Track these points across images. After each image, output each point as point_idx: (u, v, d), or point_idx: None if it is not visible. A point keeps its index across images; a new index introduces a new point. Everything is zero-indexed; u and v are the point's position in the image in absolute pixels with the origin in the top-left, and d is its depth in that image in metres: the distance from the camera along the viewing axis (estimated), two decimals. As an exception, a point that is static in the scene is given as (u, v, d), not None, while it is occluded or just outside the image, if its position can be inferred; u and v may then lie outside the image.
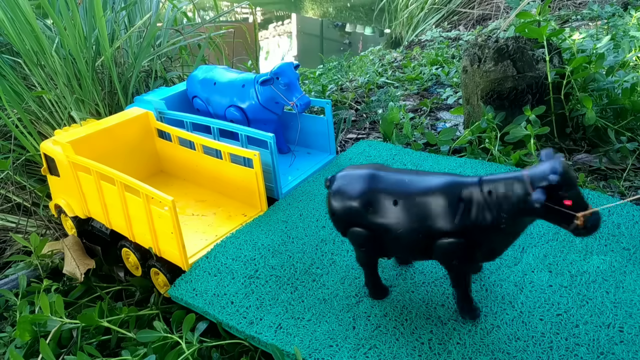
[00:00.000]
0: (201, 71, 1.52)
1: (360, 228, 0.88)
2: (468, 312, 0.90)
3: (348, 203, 0.88)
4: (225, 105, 1.44)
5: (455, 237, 0.82)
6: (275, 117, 1.43)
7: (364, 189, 0.87)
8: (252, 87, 1.39)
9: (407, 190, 0.85)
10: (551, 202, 0.73)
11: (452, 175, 0.85)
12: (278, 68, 1.33)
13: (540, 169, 0.75)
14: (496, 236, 0.82)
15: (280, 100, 1.36)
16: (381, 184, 0.87)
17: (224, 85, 1.44)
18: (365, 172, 0.89)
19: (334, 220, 0.92)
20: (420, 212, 0.84)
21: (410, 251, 0.88)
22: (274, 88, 1.34)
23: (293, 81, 1.33)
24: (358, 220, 0.88)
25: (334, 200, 0.90)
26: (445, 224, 0.82)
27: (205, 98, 1.49)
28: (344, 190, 0.89)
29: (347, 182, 0.90)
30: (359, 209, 0.87)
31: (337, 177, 0.92)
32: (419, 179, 0.86)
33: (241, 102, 1.41)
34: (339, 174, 0.92)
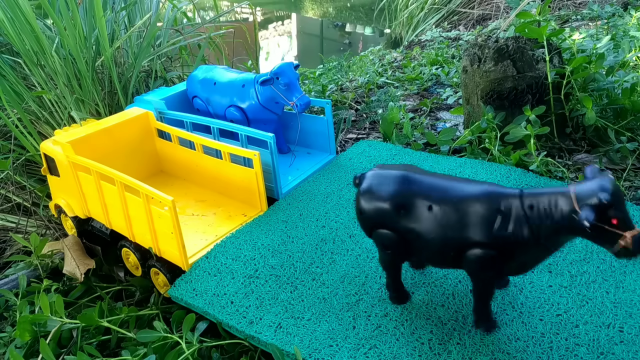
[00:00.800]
0: (201, 71, 1.52)
1: (388, 230, 0.86)
2: (484, 324, 0.88)
3: (379, 203, 0.85)
4: (225, 105, 1.44)
5: (488, 249, 0.79)
6: (275, 117, 1.43)
7: (398, 190, 0.84)
8: (252, 87, 1.39)
9: (443, 197, 0.82)
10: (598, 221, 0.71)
11: (492, 184, 0.82)
12: (278, 68, 1.33)
13: (588, 186, 0.72)
14: (532, 252, 0.79)
15: (280, 100, 1.36)
16: (416, 187, 0.84)
17: (224, 85, 1.44)
18: (399, 173, 0.86)
19: (360, 220, 0.90)
20: (455, 221, 0.81)
21: (438, 259, 0.86)
22: (274, 88, 1.34)
23: (293, 81, 1.33)
24: (387, 222, 0.86)
25: (363, 199, 0.87)
26: (479, 235, 0.79)
27: (205, 98, 1.48)
28: (375, 189, 0.86)
29: (378, 181, 0.87)
30: (390, 211, 0.85)
31: (368, 175, 0.89)
32: (456, 186, 0.83)
33: (241, 102, 1.41)
34: (370, 173, 0.89)
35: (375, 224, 0.87)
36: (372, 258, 1.08)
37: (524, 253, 0.79)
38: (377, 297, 0.98)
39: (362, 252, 1.10)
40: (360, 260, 1.07)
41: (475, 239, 0.80)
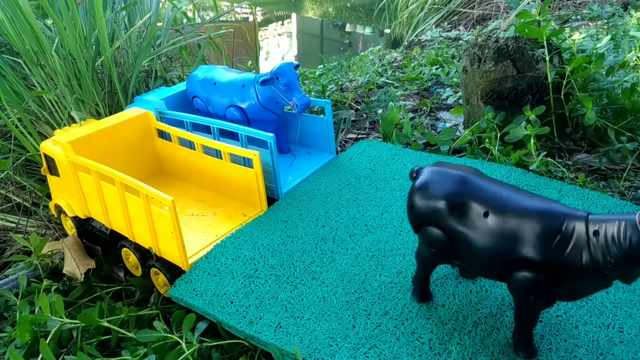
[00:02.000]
0: (201, 71, 1.52)
1: (437, 229, 0.83)
2: (524, 350, 0.84)
3: (433, 201, 0.83)
4: (225, 105, 1.44)
5: (538, 272, 0.75)
6: (275, 117, 1.43)
7: (455, 190, 0.82)
8: (252, 87, 1.39)
9: (502, 206, 0.78)
10: None
11: (555, 202, 0.78)
12: (278, 68, 1.33)
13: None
14: (588, 280, 0.74)
15: (280, 100, 1.36)
16: (475, 190, 0.81)
17: (224, 85, 1.44)
18: (459, 172, 0.84)
19: (411, 214, 0.88)
20: (510, 233, 0.77)
21: (483, 268, 0.82)
22: (274, 88, 1.34)
23: (293, 81, 1.33)
24: (439, 221, 0.83)
25: (417, 194, 0.85)
26: (532, 252, 0.75)
27: (205, 98, 1.48)
28: (431, 186, 0.84)
29: (436, 178, 0.84)
30: (444, 210, 0.82)
31: (425, 170, 0.87)
32: (517, 197, 0.79)
33: (241, 102, 1.41)
34: (428, 168, 0.87)
35: (426, 221, 0.85)
36: (371, 257, 1.08)
37: (579, 280, 0.74)
38: (376, 294, 0.98)
39: (362, 250, 1.10)
40: (360, 259, 1.07)
41: (527, 256, 0.75)
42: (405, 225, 1.17)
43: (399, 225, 1.17)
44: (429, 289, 0.96)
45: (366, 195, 1.29)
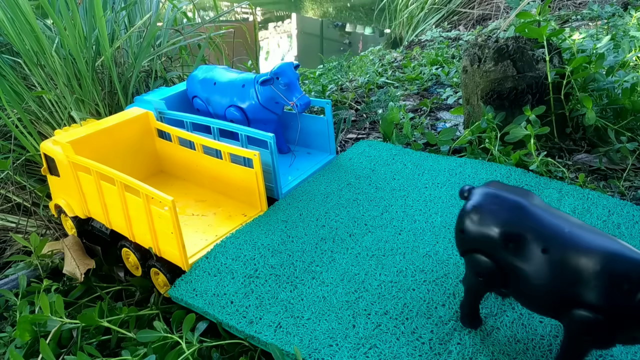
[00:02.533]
0: (201, 71, 1.52)
1: (487, 258, 0.78)
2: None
3: (486, 228, 0.77)
4: (225, 105, 1.44)
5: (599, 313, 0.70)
6: (275, 117, 1.43)
7: (512, 220, 0.76)
8: (252, 87, 1.39)
9: (564, 243, 0.72)
10: None
11: (622, 243, 0.72)
12: (278, 68, 1.33)
13: None
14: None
15: (280, 100, 1.36)
16: (534, 221, 0.75)
17: (224, 85, 1.44)
18: (516, 200, 0.78)
19: (459, 238, 0.82)
20: (571, 273, 0.71)
21: (535, 303, 0.77)
22: (274, 88, 1.34)
23: (293, 81, 1.33)
24: (490, 250, 0.77)
25: (469, 218, 0.79)
26: (595, 297, 0.69)
27: (205, 98, 1.48)
28: (485, 211, 0.78)
29: (491, 202, 0.78)
30: (497, 240, 0.76)
31: (479, 192, 0.81)
32: (581, 234, 0.73)
33: (241, 102, 1.41)
34: (482, 190, 0.81)
35: (475, 249, 0.80)
36: (371, 256, 1.08)
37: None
38: (376, 294, 0.98)
39: (362, 250, 1.10)
40: (360, 259, 1.07)
41: (589, 300, 0.70)
42: (405, 224, 1.17)
43: (399, 225, 1.17)
44: (479, 314, 0.90)
45: (366, 195, 1.29)
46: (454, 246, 1.09)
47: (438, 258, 1.06)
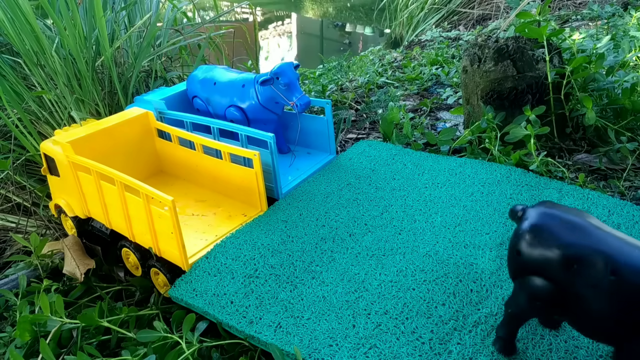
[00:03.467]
0: (201, 71, 1.52)
1: (547, 281, 0.74)
2: None
3: (546, 250, 0.73)
4: (225, 105, 1.44)
5: None
6: (275, 117, 1.43)
7: (575, 240, 0.71)
8: (252, 87, 1.39)
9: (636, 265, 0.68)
10: None
11: None
12: (278, 68, 1.33)
13: None
14: None
15: (280, 100, 1.36)
16: (599, 242, 0.71)
17: (224, 85, 1.44)
18: (578, 219, 0.74)
19: (514, 260, 0.77)
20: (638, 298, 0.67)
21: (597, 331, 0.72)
22: (274, 88, 1.34)
23: (293, 81, 1.33)
24: (550, 273, 0.73)
25: (525, 239, 0.75)
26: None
27: (205, 98, 1.48)
28: (544, 231, 0.74)
29: (550, 223, 0.75)
30: (559, 262, 0.72)
31: (535, 212, 0.77)
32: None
33: (241, 102, 1.41)
34: (538, 209, 0.77)
35: (533, 271, 0.75)
36: (371, 256, 1.08)
37: None
38: (376, 293, 0.98)
39: (362, 250, 1.10)
40: (360, 258, 1.07)
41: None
42: (405, 224, 1.17)
43: (399, 225, 1.17)
44: (515, 341, 0.85)
45: (366, 195, 1.29)
46: (454, 246, 1.09)
47: (438, 258, 1.06)
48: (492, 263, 1.04)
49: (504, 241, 1.10)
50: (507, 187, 1.27)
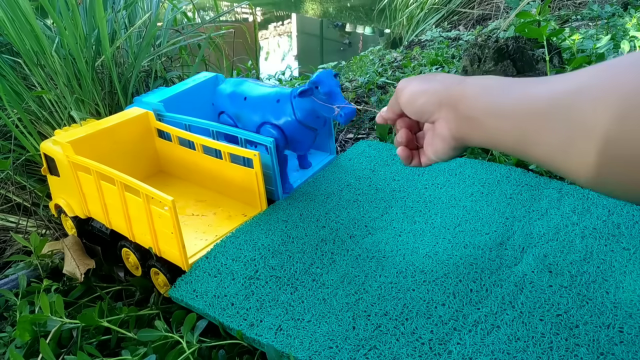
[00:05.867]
0: (229, 84, 1.40)
1: None
2: None
3: None
4: (257, 122, 1.30)
5: None
6: (314, 134, 1.30)
7: None
8: (288, 102, 1.25)
9: None
10: None
11: None
12: (316, 77, 1.19)
13: None
14: None
15: (320, 113, 1.21)
16: None
17: (256, 100, 1.30)
18: None
19: None
20: None
21: None
22: (315, 99, 1.19)
23: (334, 89, 1.18)
24: None
25: None
26: None
27: (235, 114, 1.35)
28: None
29: None
30: None
31: None
32: None
33: (276, 119, 1.27)
34: None
35: None
36: (371, 257, 1.08)
37: None
38: (376, 295, 0.98)
39: (362, 252, 1.10)
40: (360, 260, 1.07)
41: None
42: (405, 226, 1.18)
43: (399, 227, 1.17)
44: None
45: (366, 197, 1.29)
46: (454, 246, 1.09)
47: (438, 258, 1.06)
48: (492, 263, 1.04)
49: (504, 241, 1.10)
50: (507, 187, 1.27)
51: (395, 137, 0.85)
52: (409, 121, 0.82)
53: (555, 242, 1.08)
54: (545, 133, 0.52)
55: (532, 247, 1.08)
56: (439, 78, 0.73)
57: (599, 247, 1.06)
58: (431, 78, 0.74)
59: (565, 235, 1.10)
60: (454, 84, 0.69)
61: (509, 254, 1.06)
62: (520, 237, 1.11)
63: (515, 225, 1.15)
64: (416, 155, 0.84)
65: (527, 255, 1.06)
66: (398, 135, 0.82)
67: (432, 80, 0.73)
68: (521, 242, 1.09)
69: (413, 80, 0.76)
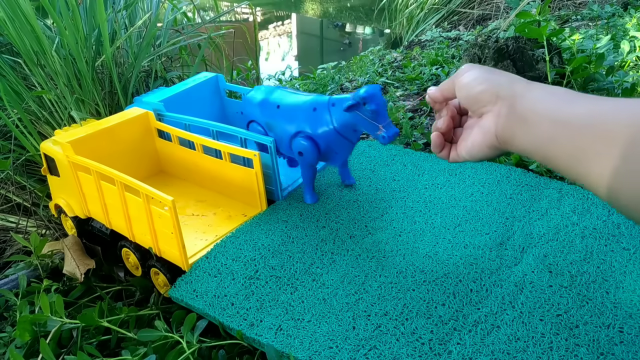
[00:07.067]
0: (260, 92, 1.33)
1: None
2: None
3: None
4: (290, 132, 1.24)
5: None
6: (350, 146, 1.24)
7: None
8: (326, 111, 1.18)
9: None
10: None
11: None
12: (366, 92, 1.11)
13: None
14: None
15: (360, 128, 1.15)
16: None
17: (290, 108, 1.23)
18: None
19: None
20: None
21: None
22: (360, 114, 1.12)
23: (382, 108, 1.12)
24: None
25: None
26: None
27: (266, 123, 1.29)
28: None
29: None
30: None
31: None
32: None
33: (312, 128, 1.20)
34: None
35: None
36: (371, 257, 1.08)
37: None
38: (376, 295, 0.98)
39: (362, 252, 1.10)
40: (360, 260, 1.07)
41: None
42: (405, 226, 1.18)
43: (399, 227, 1.17)
44: None
45: (366, 197, 1.29)
46: (454, 246, 1.10)
47: (438, 258, 1.06)
48: (492, 263, 1.04)
49: (504, 241, 1.10)
50: (507, 187, 1.27)
51: (435, 123, 0.80)
52: (453, 110, 0.79)
53: (555, 242, 1.08)
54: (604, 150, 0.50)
55: (532, 247, 1.08)
56: (505, 73, 0.70)
57: (599, 247, 1.06)
58: (497, 71, 0.70)
59: (565, 235, 1.10)
60: (519, 81, 0.67)
61: (509, 254, 1.06)
62: (520, 237, 1.11)
63: (515, 226, 1.15)
64: (447, 147, 0.80)
65: (527, 255, 1.06)
66: (440, 121, 0.79)
67: (498, 73, 0.69)
68: (521, 242, 1.09)
69: (477, 66, 0.73)
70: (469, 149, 0.75)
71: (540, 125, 0.60)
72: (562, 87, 0.63)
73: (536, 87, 0.64)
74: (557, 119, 0.58)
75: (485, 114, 0.70)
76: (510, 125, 0.65)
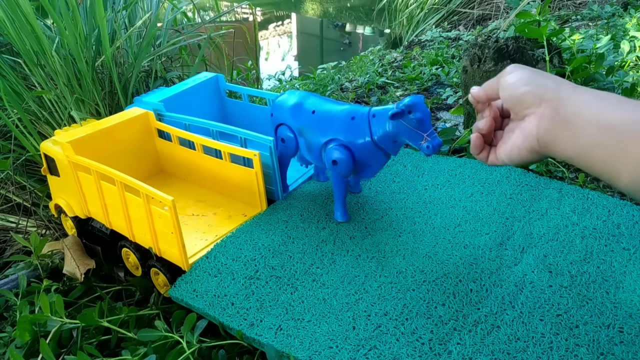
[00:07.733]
0: (293, 96, 1.28)
1: None
2: None
3: None
4: (324, 139, 1.18)
5: None
6: (386, 160, 1.18)
7: None
8: (365, 122, 1.14)
9: None
10: None
11: None
12: (411, 101, 1.07)
13: None
14: None
15: (401, 139, 1.11)
16: None
17: (327, 115, 1.19)
18: None
19: None
20: None
21: None
22: (404, 123, 1.08)
23: (426, 117, 1.08)
24: None
25: None
26: None
27: (298, 129, 1.23)
28: None
29: None
30: None
31: None
32: None
33: (348, 138, 1.15)
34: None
35: None
36: (371, 258, 1.08)
37: None
38: (376, 295, 0.98)
39: (362, 252, 1.10)
40: (360, 261, 1.07)
41: None
42: (405, 226, 1.18)
43: (399, 227, 1.17)
44: None
45: (366, 198, 1.29)
46: (454, 246, 1.10)
47: (438, 258, 1.06)
48: (492, 263, 1.04)
49: (504, 241, 1.10)
50: (506, 187, 1.27)
51: (477, 123, 0.78)
52: (496, 111, 0.77)
53: (555, 242, 1.08)
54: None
55: (532, 247, 1.08)
56: (551, 75, 0.67)
57: (599, 247, 1.06)
58: (543, 73, 0.68)
59: (565, 235, 1.10)
60: (566, 84, 0.65)
61: (509, 254, 1.06)
62: (520, 237, 1.11)
63: (515, 226, 1.15)
64: (486, 149, 0.78)
65: (527, 255, 1.06)
66: (482, 122, 0.77)
67: (544, 75, 0.67)
68: (521, 242, 1.09)
69: (523, 67, 0.71)
70: (509, 152, 0.73)
71: (585, 130, 0.58)
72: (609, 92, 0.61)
73: (583, 90, 0.63)
74: (604, 124, 0.56)
75: (528, 116, 0.68)
76: (552, 129, 0.63)
